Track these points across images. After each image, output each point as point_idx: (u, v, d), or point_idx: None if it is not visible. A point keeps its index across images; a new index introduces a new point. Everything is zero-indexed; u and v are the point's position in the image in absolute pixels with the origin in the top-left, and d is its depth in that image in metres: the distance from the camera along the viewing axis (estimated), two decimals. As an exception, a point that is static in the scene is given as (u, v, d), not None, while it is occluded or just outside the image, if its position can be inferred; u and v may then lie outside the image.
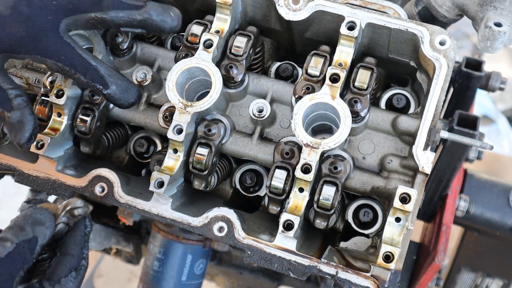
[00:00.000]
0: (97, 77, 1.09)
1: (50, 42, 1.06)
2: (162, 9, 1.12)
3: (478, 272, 1.99)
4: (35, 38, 1.05)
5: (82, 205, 1.03)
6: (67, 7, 1.07)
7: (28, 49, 1.06)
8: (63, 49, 1.07)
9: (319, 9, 1.17)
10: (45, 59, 1.06)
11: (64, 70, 1.08)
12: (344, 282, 1.08)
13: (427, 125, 1.09)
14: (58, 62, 1.07)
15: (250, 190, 1.28)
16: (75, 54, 1.08)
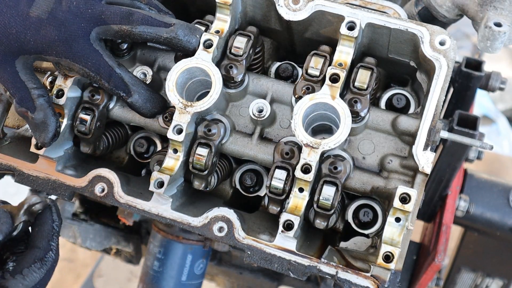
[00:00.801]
0: (121, 85, 1.15)
1: (80, 47, 1.11)
2: (189, 30, 1.16)
3: (478, 272, 1.99)
4: (66, 42, 1.11)
5: (38, 200, 1.04)
6: (100, 17, 1.13)
7: (58, 52, 1.11)
8: (91, 56, 1.12)
9: (319, 9, 1.17)
10: (73, 63, 1.12)
11: (90, 76, 1.14)
12: (344, 282, 1.08)
13: (427, 125, 1.09)
14: (85, 68, 1.12)
15: (250, 190, 1.28)
16: (102, 61, 1.13)
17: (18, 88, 1.11)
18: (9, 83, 1.11)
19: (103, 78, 1.13)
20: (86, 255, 3.42)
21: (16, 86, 1.11)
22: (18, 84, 1.11)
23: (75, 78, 1.19)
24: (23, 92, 1.11)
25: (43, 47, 1.11)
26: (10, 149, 1.27)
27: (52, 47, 1.11)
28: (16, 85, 1.11)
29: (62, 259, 3.38)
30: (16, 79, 1.11)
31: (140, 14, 1.14)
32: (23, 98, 1.11)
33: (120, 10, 1.14)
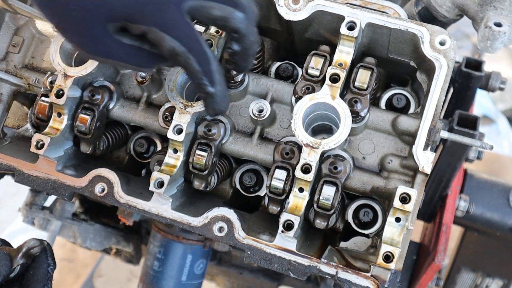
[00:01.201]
0: (208, 71, 1.01)
1: (172, 16, 0.97)
2: None
3: (478, 272, 1.99)
4: (158, 8, 0.96)
5: (37, 244, 1.04)
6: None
7: (148, 19, 0.96)
8: (184, 28, 0.98)
9: (319, 9, 1.17)
10: (163, 34, 0.96)
11: (179, 53, 0.98)
12: (344, 282, 1.08)
13: (427, 125, 1.09)
14: (176, 40, 0.97)
15: (250, 190, 1.28)
16: (194, 37, 0.99)
17: (135, 55, 1.00)
18: (123, 55, 0.99)
19: (194, 56, 0.99)
20: (86, 255, 3.42)
21: (132, 54, 1.00)
22: (131, 51, 0.99)
23: (75, 78, 1.19)
24: (142, 55, 1.00)
25: (131, 12, 0.95)
26: (10, 149, 1.27)
27: (142, 13, 0.95)
28: (130, 52, 0.99)
29: (62, 259, 3.38)
30: (124, 47, 0.98)
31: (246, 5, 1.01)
32: (149, 60, 1.01)
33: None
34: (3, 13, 1.38)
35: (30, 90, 1.36)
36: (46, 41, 1.39)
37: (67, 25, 0.97)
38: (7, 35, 1.39)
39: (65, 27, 0.98)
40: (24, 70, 1.37)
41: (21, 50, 1.38)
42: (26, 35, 1.39)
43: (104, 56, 1.00)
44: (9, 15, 1.39)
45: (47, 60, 1.38)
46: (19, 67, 1.38)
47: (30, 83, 1.35)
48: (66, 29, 0.98)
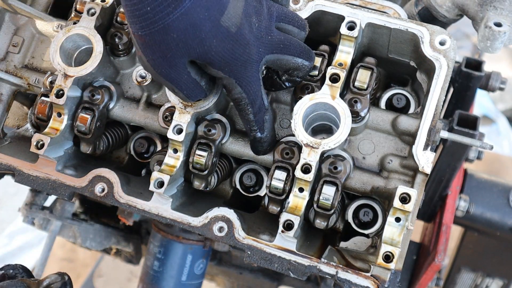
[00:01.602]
0: (261, 120, 1.11)
1: (251, 73, 1.05)
2: None
3: (478, 272, 1.99)
4: (243, 64, 1.03)
5: (58, 279, 1.04)
6: (279, 46, 1.07)
7: (230, 72, 1.03)
8: (254, 84, 1.06)
9: (319, 9, 1.17)
10: (236, 85, 1.05)
11: (242, 102, 1.08)
12: (344, 282, 1.08)
13: (427, 125, 1.09)
14: (243, 93, 1.06)
15: (250, 190, 1.28)
16: (259, 92, 1.08)
17: (191, 88, 1.05)
18: (183, 85, 1.04)
19: (253, 108, 1.08)
20: (86, 255, 3.42)
21: (190, 87, 1.05)
22: (191, 84, 1.05)
23: (75, 78, 1.19)
24: (196, 89, 1.06)
25: (220, 61, 1.00)
26: (10, 149, 1.27)
27: (229, 64, 1.01)
28: (190, 85, 1.05)
29: (62, 259, 3.38)
30: (189, 80, 1.04)
31: (311, 52, 1.13)
32: (197, 94, 1.08)
33: (299, 44, 1.10)
34: (3, 13, 1.38)
35: (30, 90, 1.36)
36: (46, 41, 1.39)
37: (154, 43, 0.97)
38: (7, 35, 1.39)
39: (151, 43, 0.97)
40: (24, 70, 1.37)
41: (21, 50, 1.38)
42: (26, 35, 1.39)
43: (168, 80, 1.04)
44: (9, 15, 1.39)
45: (47, 60, 1.38)
46: (19, 67, 1.38)
47: (30, 83, 1.35)
48: (151, 46, 0.98)
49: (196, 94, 1.08)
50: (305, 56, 1.11)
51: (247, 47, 1.02)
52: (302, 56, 1.11)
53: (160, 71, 1.01)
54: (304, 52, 1.11)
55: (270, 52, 1.06)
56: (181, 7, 0.92)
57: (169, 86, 1.05)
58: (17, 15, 1.38)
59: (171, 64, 0.99)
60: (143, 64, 1.03)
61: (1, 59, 1.38)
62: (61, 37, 1.20)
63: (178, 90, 1.05)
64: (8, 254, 3.43)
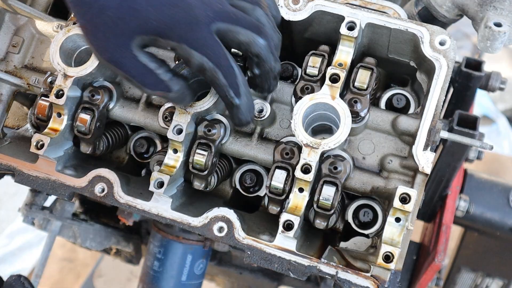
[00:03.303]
0: (234, 83, 1.06)
1: (202, 34, 1.02)
2: None
3: (478, 272, 1.99)
4: (190, 26, 1.01)
5: None
6: (230, 16, 1.05)
7: (179, 36, 1.01)
8: (213, 45, 1.03)
9: (319, 9, 1.17)
10: (192, 50, 1.02)
11: (207, 67, 1.04)
12: (344, 282, 1.08)
13: (427, 125, 1.09)
14: (204, 56, 1.02)
15: (250, 190, 1.28)
16: (222, 54, 1.04)
17: (143, 74, 1.03)
18: (132, 71, 1.03)
19: (221, 71, 1.04)
20: (86, 255, 3.42)
21: (140, 73, 1.03)
22: (142, 70, 1.03)
23: (75, 78, 1.19)
24: (149, 76, 1.04)
25: (164, 28, 1.00)
26: (10, 149, 1.27)
27: (174, 29, 1.00)
28: (140, 71, 1.03)
29: (62, 259, 3.38)
30: (138, 64, 1.03)
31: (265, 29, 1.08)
32: (152, 83, 1.04)
33: (251, 20, 1.07)
34: (3, 13, 1.38)
35: (30, 90, 1.36)
36: (46, 41, 1.39)
37: (94, 27, 1.00)
38: (7, 35, 1.39)
39: (92, 29, 1.00)
40: (24, 70, 1.37)
41: (21, 50, 1.38)
42: (26, 35, 1.39)
43: (116, 65, 1.03)
44: (9, 15, 1.39)
45: (47, 60, 1.38)
46: (19, 67, 1.38)
47: (30, 83, 1.35)
48: (92, 31, 1.00)
49: (153, 83, 1.05)
50: (257, 31, 1.06)
51: (190, 10, 1.01)
52: (253, 30, 1.06)
53: (106, 57, 1.02)
54: (256, 27, 1.06)
55: (221, 20, 1.04)
56: None
57: (120, 74, 1.05)
58: (17, 15, 1.38)
59: (116, 46, 1.00)
60: (94, 54, 1.04)
61: (1, 59, 1.38)
62: (61, 37, 1.20)
63: (129, 76, 1.04)
64: (8, 254, 3.43)
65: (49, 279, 3.30)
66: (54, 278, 3.33)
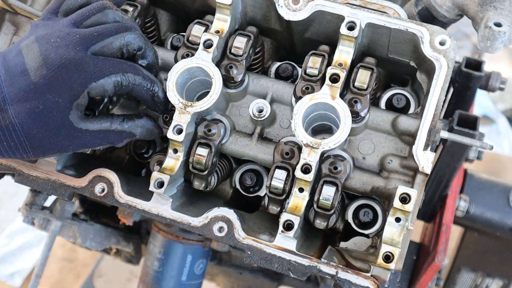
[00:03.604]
0: (146, 77, 1.12)
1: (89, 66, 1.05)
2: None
3: (478, 272, 1.99)
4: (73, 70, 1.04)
5: None
6: (92, 35, 1.07)
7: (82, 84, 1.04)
8: (103, 64, 1.07)
9: (319, 9, 1.16)
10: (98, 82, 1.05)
11: (120, 81, 1.08)
12: (344, 282, 1.08)
13: (427, 125, 1.09)
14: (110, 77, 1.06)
15: (250, 190, 1.28)
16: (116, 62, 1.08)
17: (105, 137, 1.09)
18: (94, 142, 1.09)
19: (128, 72, 1.09)
20: (86, 255, 3.42)
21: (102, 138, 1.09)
22: (101, 135, 1.09)
23: None
24: (112, 135, 1.10)
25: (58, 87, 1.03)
26: (10, 149, 1.27)
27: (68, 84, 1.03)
28: (100, 137, 1.09)
29: (62, 259, 3.38)
30: (94, 134, 1.08)
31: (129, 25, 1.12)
32: (118, 138, 1.11)
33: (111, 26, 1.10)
34: (3, 13, 1.38)
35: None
36: (46, 41, 1.38)
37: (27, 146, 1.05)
38: (7, 35, 1.39)
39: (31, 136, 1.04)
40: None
41: (21, 50, 1.38)
42: (26, 35, 1.39)
43: (80, 148, 1.08)
44: (9, 15, 1.38)
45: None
46: (19, 67, 1.38)
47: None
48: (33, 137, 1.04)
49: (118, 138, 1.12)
50: (122, 29, 1.09)
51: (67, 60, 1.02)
52: (119, 31, 1.09)
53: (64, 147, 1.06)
54: (119, 28, 1.09)
55: (89, 44, 1.05)
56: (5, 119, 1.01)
57: (86, 150, 1.14)
58: (17, 15, 1.38)
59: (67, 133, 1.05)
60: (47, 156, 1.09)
61: (1, 59, 1.38)
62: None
63: (94, 146, 1.10)
64: (8, 254, 3.43)
65: (49, 279, 3.30)
66: (54, 278, 3.33)
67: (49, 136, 1.03)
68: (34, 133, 1.02)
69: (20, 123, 1.01)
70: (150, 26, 1.35)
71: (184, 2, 1.35)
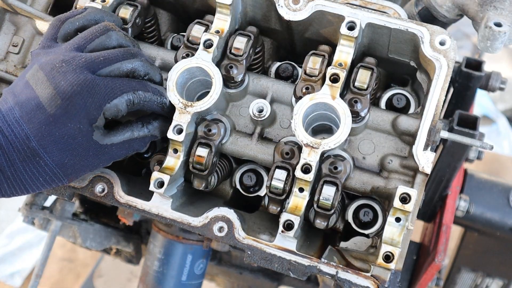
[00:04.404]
0: (155, 91, 1.13)
1: (99, 88, 1.05)
2: None
3: (478, 272, 1.99)
4: (87, 95, 1.05)
5: None
6: (98, 60, 1.07)
7: (98, 106, 1.05)
8: (113, 85, 1.07)
9: (319, 9, 1.17)
10: (111, 103, 1.06)
11: (132, 99, 1.09)
12: (344, 282, 1.08)
13: (427, 125, 1.09)
14: (122, 97, 1.07)
15: (250, 190, 1.28)
16: (124, 82, 1.08)
17: (130, 147, 1.12)
18: (121, 153, 1.11)
19: (139, 90, 1.10)
20: (86, 255, 3.42)
21: (127, 148, 1.11)
22: (126, 145, 1.11)
23: None
24: (136, 143, 1.12)
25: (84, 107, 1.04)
26: (10, 149, 1.27)
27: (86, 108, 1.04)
28: (125, 147, 1.11)
29: (62, 259, 3.38)
30: (119, 145, 1.10)
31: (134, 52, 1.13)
32: (142, 144, 1.14)
33: (117, 52, 1.10)
34: (3, 13, 1.38)
35: (30, 90, 1.36)
36: (46, 41, 1.38)
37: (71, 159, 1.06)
38: (7, 35, 1.39)
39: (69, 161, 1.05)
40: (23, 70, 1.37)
41: (21, 50, 1.38)
42: (26, 35, 1.39)
43: (109, 162, 1.11)
44: (9, 15, 1.39)
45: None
46: (19, 67, 1.38)
47: (30, 83, 1.35)
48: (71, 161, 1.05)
49: (142, 145, 1.15)
50: (129, 56, 1.10)
51: (78, 86, 1.02)
52: (126, 57, 1.10)
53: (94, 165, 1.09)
54: (126, 54, 1.10)
55: (96, 69, 1.06)
56: None
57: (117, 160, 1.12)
58: (17, 15, 1.38)
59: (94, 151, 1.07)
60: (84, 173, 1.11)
61: (1, 59, 1.38)
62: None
63: (124, 156, 1.12)
64: (8, 254, 3.43)
65: (49, 279, 3.30)
66: (54, 278, 3.33)
67: (79, 160, 1.05)
68: (65, 162, 1.03)
69: (50, 156, 1.01)
70: (150, 26, 1.35)
71: (184, 2, 1.35)
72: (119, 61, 1.08)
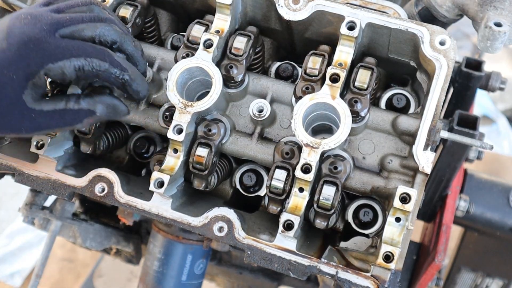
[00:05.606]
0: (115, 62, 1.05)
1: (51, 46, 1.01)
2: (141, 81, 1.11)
3: (478, 272, 1.99)
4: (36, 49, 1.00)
5: None
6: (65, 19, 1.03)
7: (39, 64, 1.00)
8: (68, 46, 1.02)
9: (319, 9, 1.17)
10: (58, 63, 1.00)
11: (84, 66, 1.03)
12: (344, 282, 1.08)
13: (427, 125, 1.09)
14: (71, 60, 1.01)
15: (250, 190, 1.28)
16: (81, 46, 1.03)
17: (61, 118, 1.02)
18: (50, 123, 1.02)
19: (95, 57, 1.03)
20: (86, 255, 3.42)
21: (58, 119, 1.02)
22: (56, 116, 1.02)
23: None
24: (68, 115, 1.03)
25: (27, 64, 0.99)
26: (10, 149, 1.27)
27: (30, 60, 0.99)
28: (56, 118, 1.02)
29: (62, 259, 3.38)
30: (48, 115, 1.01)
31: None
32: (75, 118, 1.04)
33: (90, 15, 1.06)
34: (3, 13, 1.38)
35: (30, 90, 1.36)
36: (46, 41, 1.38)
37: None
38: (7, 35, 1.39)
39: None
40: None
41: (21, 50, 1.38)
42: (26, 35, 1.39)
43: (34, 130, 1.02)
44: (9, 15, 1.38)
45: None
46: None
47: (30, 83, 1.35)
48: None
49: (75, 119, 1.04)
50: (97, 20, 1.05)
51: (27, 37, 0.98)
52: (93, 21, 1.05)
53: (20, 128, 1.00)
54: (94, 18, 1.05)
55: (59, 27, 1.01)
56: None
57: (42, 133, 1.06)
58: (17, 15, 1.38)
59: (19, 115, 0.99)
60: None
61: (1, 59, 1.38)
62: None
63: (50, 129, 1.04)
64: (8, 254, 3.43)
65: (49, 279, 3.30)
66: (54, 278, 3.33)
67: (1, 113, 0.98)
68: None
69: None
70: (150, 26, 1.35)
71: (184, 2, 1.35)
72: (85, 23, 1.04)
